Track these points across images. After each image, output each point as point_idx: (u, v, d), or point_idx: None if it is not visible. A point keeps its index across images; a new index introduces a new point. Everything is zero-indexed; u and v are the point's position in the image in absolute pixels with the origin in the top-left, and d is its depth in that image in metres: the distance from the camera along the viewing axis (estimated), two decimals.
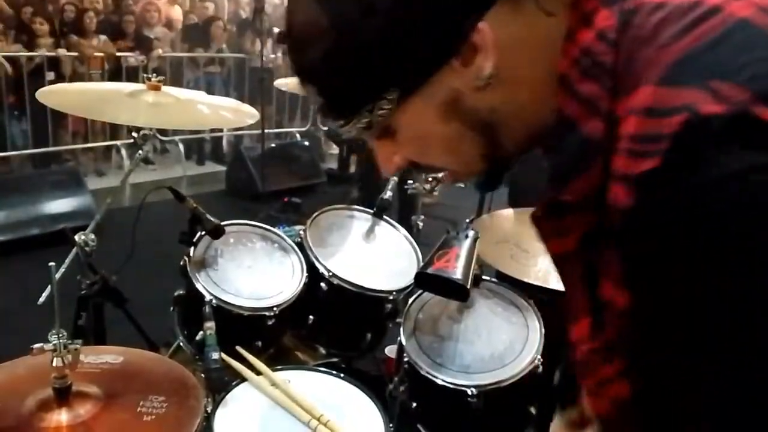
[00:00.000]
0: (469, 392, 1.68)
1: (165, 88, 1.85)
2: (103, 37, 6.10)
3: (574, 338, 0.65)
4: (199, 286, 1.87)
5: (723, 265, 0.47)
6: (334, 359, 2.15)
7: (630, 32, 0.55)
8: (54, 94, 1.86)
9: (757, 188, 0.45)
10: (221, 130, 6.88)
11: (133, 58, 6.17)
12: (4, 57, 5.43)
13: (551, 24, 0.59)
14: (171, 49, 6.77)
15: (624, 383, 0.58)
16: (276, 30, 6.67)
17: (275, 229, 2.19)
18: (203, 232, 1.94)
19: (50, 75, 5.64)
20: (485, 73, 0.59)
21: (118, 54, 6.13)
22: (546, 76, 0.60)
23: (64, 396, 1.13)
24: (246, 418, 1.48)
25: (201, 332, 1.72)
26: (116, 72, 6.06)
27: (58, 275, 1.52)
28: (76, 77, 5.78)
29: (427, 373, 1.73)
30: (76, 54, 5.84)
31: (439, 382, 1.71)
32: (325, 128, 6.96)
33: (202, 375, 1.58)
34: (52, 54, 5.68)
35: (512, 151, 0.67)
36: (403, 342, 1.83)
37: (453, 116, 0.62)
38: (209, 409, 1.46)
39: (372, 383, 1.65)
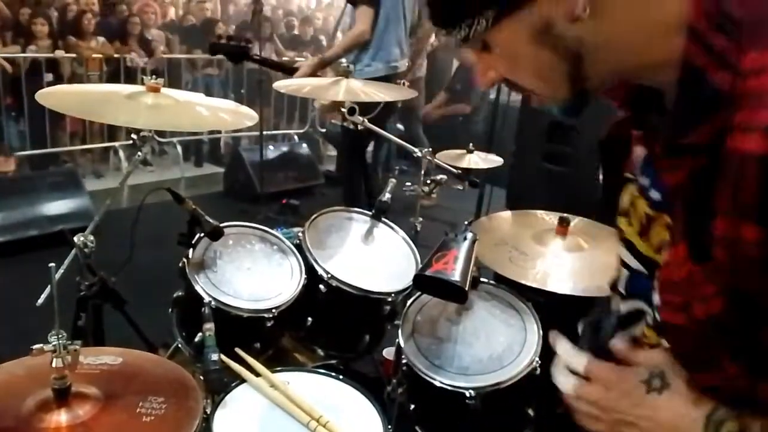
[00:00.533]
0: (468, 394, 1.68)
1: (164, 90, 1.85)
2: (101, 39, 6.09)
3: (670, 259, 0.73)
4: (197, 288, 1.87)
5: None
6: (333, 361, 2.15)
7: None
8: (52, 96, 1.86)
9: None
10: (219, 132, 6.87)
11: (137, 59, 6.18)
12: (2, 58, 5.42)
13: None
14: (169, 50, 6.76)
15: (719, 301, 0.66)
16: (275, 33, 6.68)
17: (274, 231, 2.19)
18: (202, 234, 1.95)
19: (48, 77, 5.64)
20: (579, 7, 0.65)
21: (123, 55, 6.13)
22: (647, 21, 0.67)
23: (63, 397, 1.13)
24: (245, 419, 1.49)
25: (200, 334, 1.72)
26: (115, 73, 6.06)
27: (57, 276, 1.52)
28: (74, 79, 5.78)
29: (426, 374, 1.73)
30: (74, 55, 5.83)
31: (438, 383, 1.71)
32: (323, 130, 6.97)
33: (201, 376, 1.58)
34: (50, 55, 5.68)
35: (596, 82, 0.73)
36: (402, 344, 1.83)
37: (544, 42, 0.69)
38: (208, 411, 1.46)
39: (370, 385, 1.66)
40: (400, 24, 3.71)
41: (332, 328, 2.16)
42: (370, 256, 2.24)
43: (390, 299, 2.10)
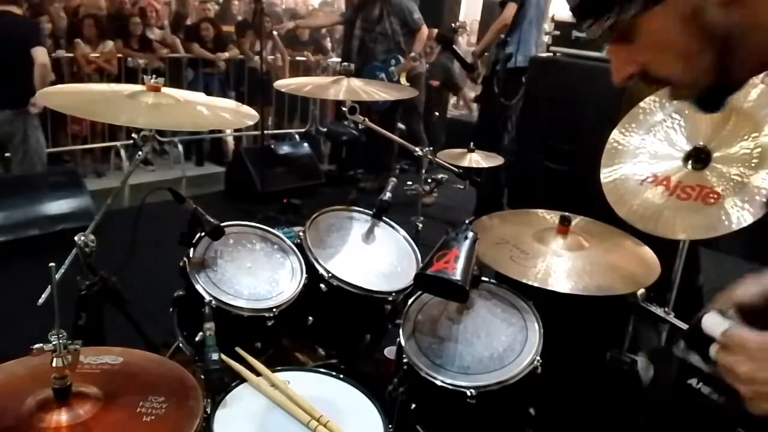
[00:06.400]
0: (469, 393, 1.68)
1: (164, 89, 1.85)
2: (110, 43, 6.08)
3: None
4: (198, 287, 1.87)
5: None
6: (334, 360, 2.15)
7: None
8: (54, 95, 1.86)
9: None
10: (220, 131, 6.87)
11: (141, 60, 6.20)
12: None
13: None
14: (171, 49, 6.75)
15: None
16: (276, 32, 6.67)
17: (274, 230, 2.19)
18: (203, 233, 1.95)
19: (50, 76, 5.64)
20: None
21: (126, 56, 6.15)
22: None
23: (63, 396, 1.14)
24: (245, 419, 1.49)
25: (200, 333, 1.72)
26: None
27: (57, 276, 1.52)
28: (75, 78, 5.79)
29: (427, 374, 1.73)
30: (72, 55, 5.85)
31: (439, 383, 1.71)
32: (324, 129, 6.97)
33: (202, 376, 1.58)
34: (51, 54, 5.68)
35: (742, 71, 0.72)
36: (403, 343, 1.83)
37: (692, 28, 0.69)
38: (209, 410, 1.46)
39: (371, 384, 1.65)
40: (540, 26, 4.50)
41: (333, 327, 2.16)
42: (370, 255, 2.24)
43: (391, 298, 2.09)
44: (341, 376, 1.68)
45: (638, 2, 0.70)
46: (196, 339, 1.81)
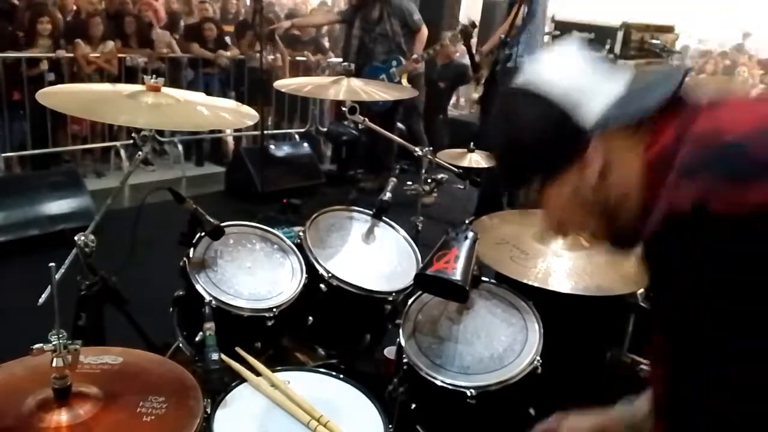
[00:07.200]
0: (469, 393, 1.68)
1: (164, 89, 1.85)
2: (110, 44, 6.07)
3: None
4: (198, 287, 1.87)
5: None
6: (334, 360, 2.15)
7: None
8: (53, 96, 1.86)
9: None
10: (220, 131, 6.87)
11: (140, 59, 6.20)
12: (2, 57, 5.41)
13: (636, 141, 0.88)
14: (170, 49, 6.75)
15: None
16: (276, 33, 6.66)
17: (275, 230, 2.19)
18: (203, 233, 1.95)
19: (50, 76, 5.64)
20: (592, 175, 0.90)
21: (125, 55, 6.15)
22: (634, 179, 0.88)
23: (63, 396, 1.14)
24: (245, 419, 1.49)
25: (200, 333, 1.72)
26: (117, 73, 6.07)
27: (57, 276, 1.52)
28: (75, 77, 5.78)
29: (427, 374, 1.73)
30: (72, 55, 5.84)
31: (439, 383, 1.71)
32: (324, 129, 6.96)
33: (202, 376, 1.58)
34: (51, 55, 5.67)
35: (626, 225, 0.92)
36: (403, 343, 1.83)
37: (576, 199, 0.95)
38: (209, 410, 1.46)
39: (371, 384, 1.66)
40: (543, 31, 4.67)
41: (333, 327, 2.16)
42: (370, 255, 2.24)
43: (391, 298, 2.10)
44: (341, 376, 1.68)
45: (538, 181, 0.97)
46: (196, 339, 1.81)
